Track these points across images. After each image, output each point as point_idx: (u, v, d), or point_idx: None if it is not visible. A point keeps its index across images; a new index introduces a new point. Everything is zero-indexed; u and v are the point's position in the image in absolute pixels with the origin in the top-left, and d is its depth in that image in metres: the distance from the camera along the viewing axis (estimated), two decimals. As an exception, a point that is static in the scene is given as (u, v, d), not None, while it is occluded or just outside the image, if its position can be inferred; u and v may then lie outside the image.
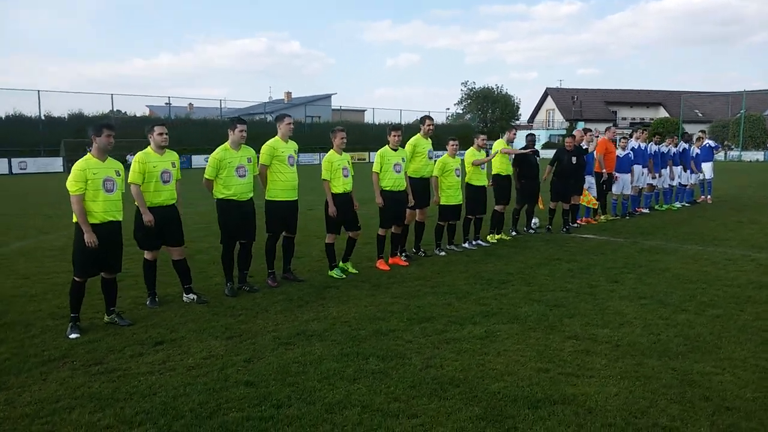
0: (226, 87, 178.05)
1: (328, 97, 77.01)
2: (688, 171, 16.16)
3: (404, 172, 8.36)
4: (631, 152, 13.47)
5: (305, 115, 65.14)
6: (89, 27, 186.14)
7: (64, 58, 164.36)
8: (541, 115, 77.67)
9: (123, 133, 42.11)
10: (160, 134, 6.50)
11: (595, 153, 12.59)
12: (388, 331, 5.63)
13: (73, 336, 5.58)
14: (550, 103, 75.37)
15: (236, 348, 5.25)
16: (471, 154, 9.71)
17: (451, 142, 9.34)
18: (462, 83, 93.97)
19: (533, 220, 11.63)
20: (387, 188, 8.22)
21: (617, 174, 13.24)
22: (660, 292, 6.96)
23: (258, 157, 7.23)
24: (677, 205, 15.98)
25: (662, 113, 72.01)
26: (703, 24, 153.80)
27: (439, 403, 4.12)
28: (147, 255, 6.67)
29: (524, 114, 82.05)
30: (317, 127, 59.68)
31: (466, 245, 9.81)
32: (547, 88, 76.33)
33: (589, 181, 12.45)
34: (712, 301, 6.57)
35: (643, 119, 72.76)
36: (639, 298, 6.71)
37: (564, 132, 63.07)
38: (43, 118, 45.91)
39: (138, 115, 53.89)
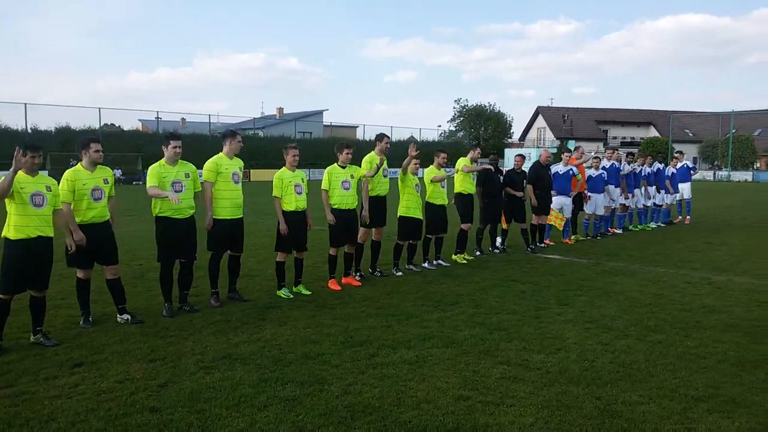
0: (224, 101, 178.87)
1: (320, 113, 77.24)
2: (663, 191, 16.11)
3: (354, 190, 8.24)
4: (604, 172, 13.40)
5: (296, 131, 65.15)
6: (89, 42, 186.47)
7: (63, 71, 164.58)
8: (533, 134, 78.00)
9: (111, 147, 42.23)
10: (96, 151, 6.40)
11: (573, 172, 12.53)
12: (317, 354, 5.46)
13: (-10, 357, 5.39)
14: (541, 121, 75.76)
15: (155, 372, 5.07)
16: (431, 172, 9.60)
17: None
18: (455, 101, 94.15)
19: (497, 240, 11.52)
20: (335, 206, 8.11)
21: (589, 194, 13.17)
22: (607, 316, 6.82)
23: (200, 174, 7.08)
24: (652, 225, 15.93)
25: (653, 132, 72.47)
26: (698, 45, 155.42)
27: (344, 433, 3.95)
28: (80, 274, 6.50)
29: (517, 132, 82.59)
30: (308, 143, 59.73)
31: (426, 265, 9.67)
32: (538, 107, 76.79)
33: (563, 201, 12.36)
34: (657, 326, 6.43)
35: (634, 138, 73.19)
36: (585, 322, 6.57)
37: (555, 150, 63.48)
38: (29, 131, 45.77)
39: (125, 129, 53.88)
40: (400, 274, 9.12)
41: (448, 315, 6.82)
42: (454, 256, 10.25)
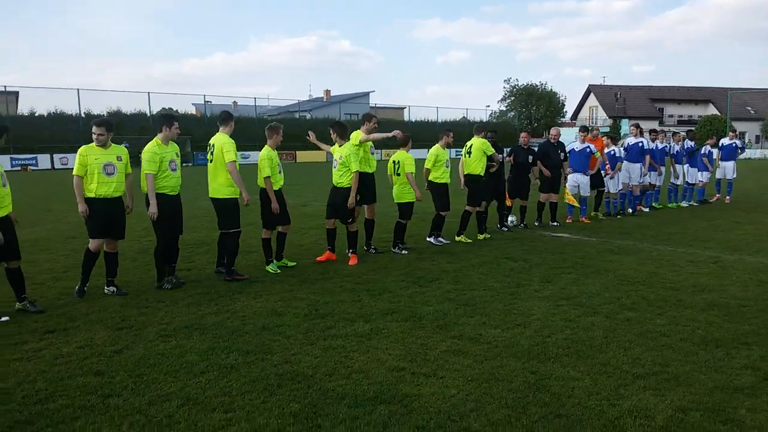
0: (278, 85, 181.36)
1: (366, 94, 77.35)
2: (696, 169, 15.43)
3: (347, 169, 8.24)
4: (615, 149, 12.96)
5: (342, 113, 65.42)
6: (149, 29, 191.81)
7: (126, 58, 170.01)
8: (584, 113, 75.78)
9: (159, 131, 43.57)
10: (94, 133, 6.64)
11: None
12: (275, 326, 5.57)
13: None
14: (593, 100, 73.46)
15: (117, 339, 5.29)
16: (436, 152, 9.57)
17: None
18: (505, 80, 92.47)
19: (510, 218, 11.37)
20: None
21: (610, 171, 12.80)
22: (587, 293, 6.66)
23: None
24: (684, 204, 15.32)
25: (711, 110, 69.19)
26: (763, 19, 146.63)
27: (265, 399, 4.04)
28: (91, 245, 6.73)
29: (570, 112, 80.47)
30: (355, 125, 59.98)
31: (431, 240, 9.66)
32: (589, 85, 74.49)
33: (578, 179, 12.05)
34: (634, 303, 6.24)
35: (691, 116, 70.12)
36: (560, 298, 6.44)
37: (608, 129, 61.51)
38: (83, 115, 47.70)
39: (181, 112, 55.38)
40: (405, 252, 9.11)
41: (423, 291, 6.80)
42: (478, 236, 10.23)
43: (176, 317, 5.90)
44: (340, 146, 8.36)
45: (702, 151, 15.51)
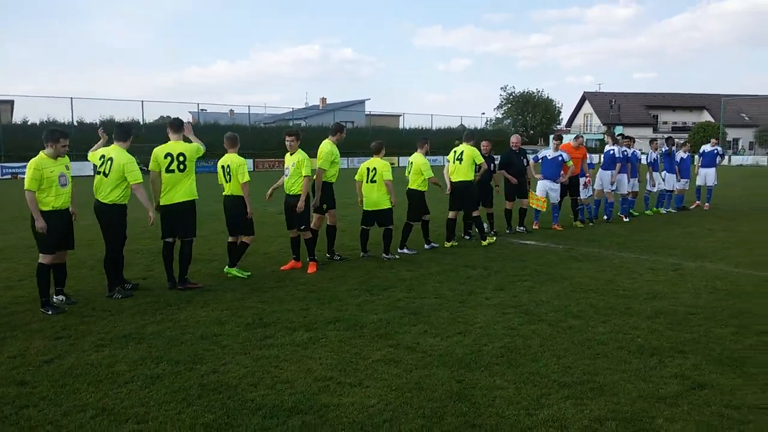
0: (279, 93, 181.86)
1: (362, 102, 77.49)
2: (673, 175, 15.42)
3: (300, 176, 8.22)
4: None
5: (335, 120, 65.39)
6: (152, 38, 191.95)
7: (131, 68, 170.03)
8: (579, 120, 75.92)
9: (155, 139, 43.59)
10: (64, 146, 6.57)
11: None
12: (213, 335, 5.53)
13: None
14: (588, 107, 73.60)
15: (52, 348, 5.25)
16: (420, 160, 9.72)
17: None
18: (501, 87, 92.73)
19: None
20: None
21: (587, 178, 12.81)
22: (537, 301, 6.63)
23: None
24: (662, 211, 15.30)
25: (706, 117, 69.32)
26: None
27: (181, 409, 4.00)
28: (45, 259, 6.54)
29: (566, 119, 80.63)
30: (350, 133, 60.12)
31: (405, 250, 9.67)
32: (584, 92, 74.61)
33: (547, 186, 12.06)
34: (581, 311, 6.21)
35: (686, 123, 70.29)
36: (509, 306, 6.40)
37: (601, 137, 61.63)
38: (75, 124, 47.68)
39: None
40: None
41: (373, 299, 6.77)
42: (447, 244, 10.28)
43: (117, 326, 5.86)
44: (292, 154, 8.32)
45: (676, 159, 15.49)
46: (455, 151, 10.31)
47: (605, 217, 13.49)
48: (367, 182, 9.13)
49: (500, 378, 4.46)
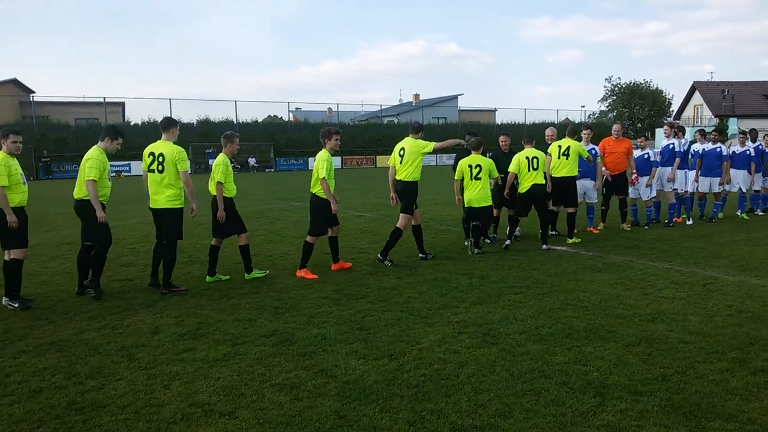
0: (384, 91, 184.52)
1: (454, 98, 76.41)
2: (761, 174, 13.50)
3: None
4: (650, 153, 11.62)
5: (424, 117, 64.84)
6: (264, 40, 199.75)
7: (245, 68, 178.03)
8: (689, 111, 70.31)
9: (247, 137, 45.05)
10: (14, 142, 6.69)
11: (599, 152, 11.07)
12: (135, 346, 5.26)
13: None
14: (698, 98, 67.99)
15: (-26, 353, 5.20)
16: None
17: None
18: (605, 79, 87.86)
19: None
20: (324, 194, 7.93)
21: (636, 176, 11.51)
22: (510, 318, 5.83)
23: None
24: (740, 213, 13.42)
25: (838, 106, 61.94)
26: None
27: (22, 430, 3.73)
28: (20, 255, 6.77)
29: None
30: (443, 129, 59.45)
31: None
32: (694, 82, 68.82)
33: (584, 185, 10.94)
34: (552, 334, 5.35)
35: (813, 114, 63.12)
36: (472, 325, 5.66)
37: (714, 128, 56.61)
38: (174, 124, 50.37)
39: (260, 120, 57.15)
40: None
41: (332, 311, 6.25)
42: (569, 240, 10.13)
43: (57, 331, 5.74)
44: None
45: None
46: (560, 146, 10.07)
47: (666, 221, 12.07)
48: (471, 179, 9.03)
49: (389, 417, 3.82)
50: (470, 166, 9.08)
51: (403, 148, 8.64)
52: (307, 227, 8.28)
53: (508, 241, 9.75)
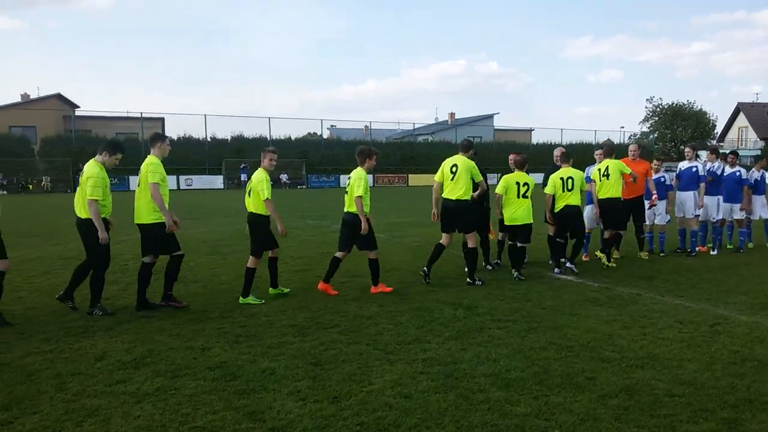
0: (423, 109, 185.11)
1: (490, 117, 75.77)
2: None
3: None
4: (665, 176, 10.91)
5: (458, 136, 64.35)
6: (307, 57, 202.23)
7: (286, 85, 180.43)
8: (732, 134, 68.04)
9: (282, 155, 45.33)
10: None
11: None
12: (71, 374, 4.93)
13: None
14: (742, 119, 65.73)
15: None
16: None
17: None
18: (647, 99, 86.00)
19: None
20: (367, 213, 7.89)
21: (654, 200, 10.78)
22: (482, 358, 5.29)
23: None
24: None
25: None
26: None
27: None
28: (4, 265, 6.55)
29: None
30: (478, 148, 58.84)
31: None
32: (738, 103, 66.67)
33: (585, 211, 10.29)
34: (522, 380, 4.80)
35: None
36: (436, 365, 5.14)
37: (759, 153, 54.23)
38: (209, 139, 51.11)
39: (294, 137, 57.46)
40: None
41: (293, 342, 5.81)
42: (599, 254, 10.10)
43: (3, 353, 5.47)
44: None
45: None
46: (600, 169, 9.86)
47: (688, 250, 11.28)
48: (518, 197, 8.84)
49: (303, 473, 3.36)
50: (518, 183, 8.86)
51: (456, 165, 8.43)
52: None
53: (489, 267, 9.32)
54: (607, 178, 9.75)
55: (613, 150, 10.09)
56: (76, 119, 54.84)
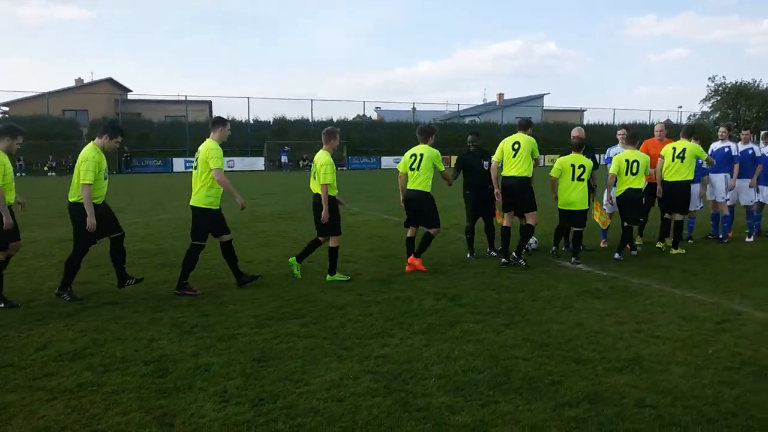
0: (474, 90, 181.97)
1: (539, 97, 73.71)
2: None
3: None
4: (731, 146, 10.04)
5: (503, 117, 62.88)
6: (362, 42, 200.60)
7: (341, 69, 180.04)
8: (799, 112, 63.88)
9: (319, 136, 44.85)
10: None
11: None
12: (7, 365, 4.71)
13: None
14: (812, 96, 61.56)
15: None
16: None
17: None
18: (709, 78, 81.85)
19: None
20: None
21: None
22: (442, 357, 4.80)
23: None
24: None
25: None
26: None
27: None
28: (2, 255, 6.49)
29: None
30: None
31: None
32: (807, 80, 62.45)
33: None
34: (478, 381, 4.30)
35: None
36: (389, 363, 4.69)
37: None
38: (251, 122, 51.31)
39: (335, 119, 57.18)
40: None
41: (247, 334, 5.43)
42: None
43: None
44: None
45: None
46: (674, 148, 9.25)
47: (720, 236, 10.37)
48: (573, 180, 8.40)
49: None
50: (573, 165, 8.38)
51: (518, 142, 8.25)
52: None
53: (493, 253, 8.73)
54: (681, 161, 9.11)
55: (693, 131, 9.63)
56: (126, 103, 56.08)
